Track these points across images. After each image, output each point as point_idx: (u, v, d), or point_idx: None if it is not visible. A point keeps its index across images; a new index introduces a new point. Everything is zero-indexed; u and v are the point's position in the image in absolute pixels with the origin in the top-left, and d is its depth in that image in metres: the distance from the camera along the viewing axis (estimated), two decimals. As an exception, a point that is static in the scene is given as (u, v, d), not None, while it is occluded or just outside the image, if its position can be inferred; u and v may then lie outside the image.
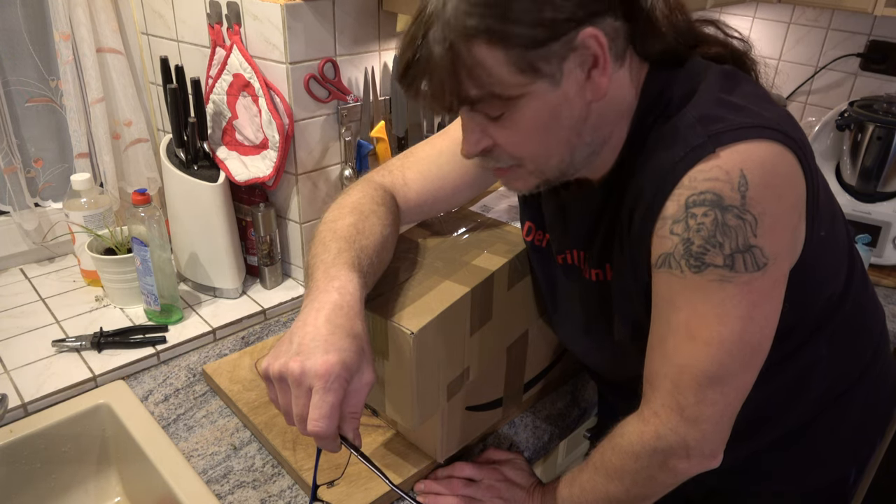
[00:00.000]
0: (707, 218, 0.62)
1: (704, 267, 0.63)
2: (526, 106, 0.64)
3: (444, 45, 0.62)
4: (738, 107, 0.66)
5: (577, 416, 1.05)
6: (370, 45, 1.22)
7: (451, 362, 0.81)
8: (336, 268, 0.69)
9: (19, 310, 1.19)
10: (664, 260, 0.66)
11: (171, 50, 1.27)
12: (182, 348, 1.13)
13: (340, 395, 0.62)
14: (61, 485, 1.00)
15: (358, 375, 0.64)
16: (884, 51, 1.70)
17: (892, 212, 1.43)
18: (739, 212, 0.62)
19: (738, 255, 0.63)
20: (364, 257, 0.73)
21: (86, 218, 1.20)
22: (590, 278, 0.81)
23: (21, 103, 1.25)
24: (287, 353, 0.63)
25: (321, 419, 0.60)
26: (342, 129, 1.22)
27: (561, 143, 0.68)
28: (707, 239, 0.63)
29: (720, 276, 0.63)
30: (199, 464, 0.91)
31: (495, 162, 0.71)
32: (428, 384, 0.78)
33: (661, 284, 0.68)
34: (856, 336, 0.87)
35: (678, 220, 0.64)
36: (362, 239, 0.75)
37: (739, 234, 0.62)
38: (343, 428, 0.64)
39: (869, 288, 0.90)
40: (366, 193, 0.83)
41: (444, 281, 0.80)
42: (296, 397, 0.62)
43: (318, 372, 0.60)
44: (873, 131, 1.46)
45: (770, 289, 0.66)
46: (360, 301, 0.68)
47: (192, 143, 1.17)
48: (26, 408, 0.98)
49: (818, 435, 0.88)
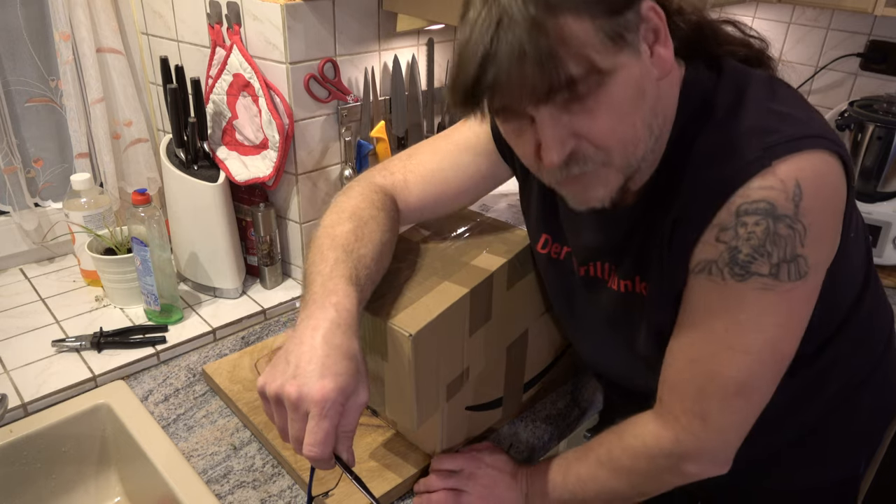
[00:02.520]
0: (758, 227, 0.62)
1: (749, 276, 0.63)
2: (617, 81, 0.61)
3: (532, 27, 0.56)
4: (787, 116, 0.66)
5: (577, 416, 1.05)
6: (370, 45, 1.22)
7: (450, 363, 0.81)
8: (333, 281, 0.68)
9: (19, 310, 1.19)
10: (705, 266, 0.65)
11: (171, 50, 1.27)
12: (182, 348, 1.13)
13: (336, 420, 0.61)
14: (61, 485, 1.00)
15: (353, 397, 0.63)
16: (884, 51, 1.70)
17: (892, 212, 1.43)
18: (791, 221, 0.62)
19: (784, 265, 0.63)
20: (362, 267, 0.72)
21: (86, 218, 1.20)
22: (618, 289, 0.79)
23: (21, 103, 1.25)
24: (284, 374, 0.62)
25: (317, 445, 0.61)
26: (342, 129, 1.22)
27: (645, 124, 0.65)
28: (756, 248, 0.62)
29: (763, 284, 0.63)
30: (199, 464, 0.91)
31: (581, 166, 0.65)
32: (427, 385, 0.78)
33: (696, 290, 0.67)
34: (870, 332, 0.87)
35: (727, 228, 0.63)
36: (361, 247, 0.74)
37: (788, 244, 0.62)
38: (338, 448, 0.64)
39: (879, 284, 0.91)
40: (365, 197, 0.82)
41: (443, 282, 0.79)
42: (292, 420, 0.62)
43: (314, 398, 0.60)
44: (873, 131, 1.46)
45: (808, 296, 0.66)
46: (357, 317, 0.67)
47: (192, 143, 1.17)
48: (26, 408, 0.98)
49: (830, 431, 0.88)
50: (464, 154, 0.88)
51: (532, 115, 0.62)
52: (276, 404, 0.63)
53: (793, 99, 0.70)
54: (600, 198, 0.68)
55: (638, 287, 0.77)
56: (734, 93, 0.68)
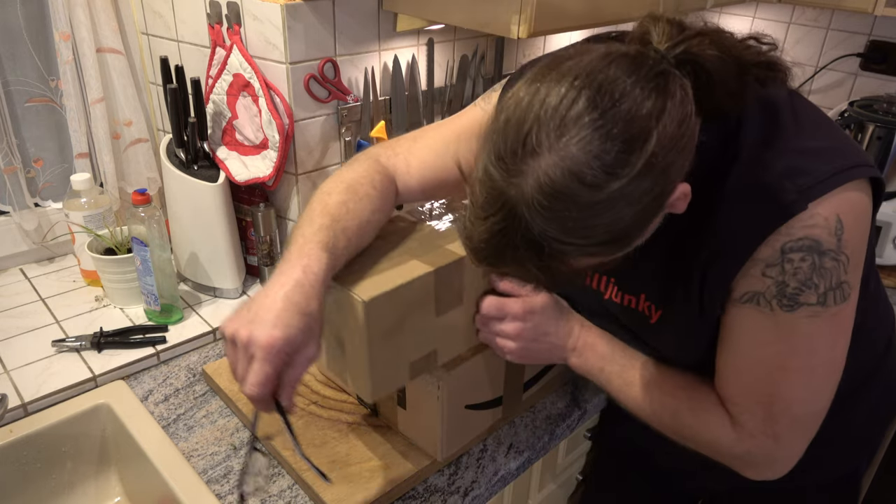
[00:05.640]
0: (805, 263, 0.64)
1: (798, 306, 0.66)
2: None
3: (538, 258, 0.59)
4: (817, 151, 0.67)
5: (578, 416, 1.05)
6: (370, 45, 1.22)
7: (413, 341, 0.82)
8: (310, 245, 0.73)
9: (19, 310, 1.19)
10: (752, 297, 0.68)
11: (171, 50, 1.27)
12: (182, 348, 1.13)
13: (278, 366, 0.66)
14: (61, 485, 1.00)
15: (302, 351, 0.68)
16: (884, 51, 1.70)
17: (892, 212, 1.43)
18: (836, 254, 0.64)
19: (830, 293, 0.65)
20: (342, 238, 0.75)
21: (86, 218, 1.20)
22: (620, 302, 0.82)
23: (21, 103, 1.25)
24: (242, 319, 0.68)
25: (256, 385, 0.65)
26: (342, 129, 1.22)
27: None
28: (803, 281, 0.65)
29: (812, 312, 0.66)
30: (199, 464, 0.91)
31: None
32: (384, 357, 0.79)
33: (743, 318, 0.70)
34: (870, 332, 0.88)
35: (773, 265, 0.65)
36: (347, 220, 0.77)
37: (834, 275, 0.65)
38: (279, 394, 0.68)
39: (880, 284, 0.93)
40: (367, 174, 0.84)
41: (413, 260, 0.81)
42: (241, 360, 0.67)
43: (261, 343, 0.65)
44: (873, 131, 1.46)
45: (851, 314, 0.69)
46: (322, 281, 0.71)
47: (192, 143, 1.17)
48: (26, 408, 0.98)
49: (831, 431, 0.88)
50: (466, 141, 0.89)
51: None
52: (230, 344, 0.68)
53: (817, 125, 0.71)
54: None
55: (641, 305, 0.79)
56: (761, 129, 0.69)
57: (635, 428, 0.87)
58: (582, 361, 0.87)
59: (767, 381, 0.71)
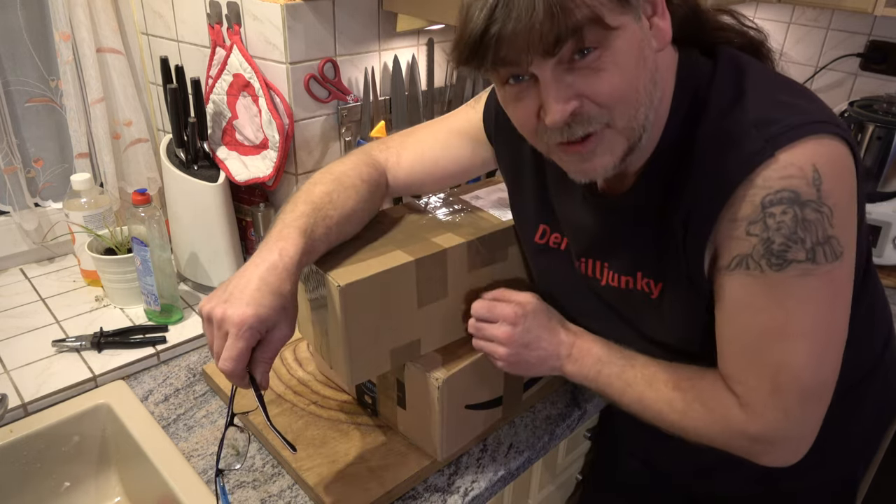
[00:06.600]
0: (786, 215, 0.63)
1: (787, 264, 0.64)
2: (621, 39, 0.62)
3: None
4: (790, 105, 0.67)
5: (577, 416, 1.05)
6: (370, 45, 1.22)
7: (394, 329, 0.83)
8: (288, 229, 0.75)
9: (19, 310, 1.19)
10: (741, 261, 0.66)
11: (171, 50, 1.27)
12: (182, 348, 1.13)
13: (251, 342, 0.69)
14: (61, 485, 1.00)
15: (275, 329, 0.71)
16: (884, 51, 1.70)
17: (891, 212, 1.43)
18: (817, 205, 0.63)
19: (819, 248, 0.64)
20: (321, 226, 0.78)
21: (86, 218, 1.20)
22: (617, 286, 0.81)
23: (21, 103, 1.25)
24: (218, 298, 0.71)
25: (229, 360, 0.68)
26: (342, 129, 1.22)
27: (645, 90, 0.66)
28: (788, 236, 0.63)
29: (803, 270, 0.64)
30: (199, 464, 0.91)
31: (584, 126, 0.65)
32: (363, 343, 0.81)
33: (735, 287, 0.68)
34: (870, 332, 0.87)
35: (755, 221, 0.64)
36: (330, 209, 0.80)
37: (818, 227, 0.63)
38: (252, 368, 0.71)
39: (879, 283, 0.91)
40: (356, 167, 0.88)
41: (396, 250, 0.83)
42: (216, 337, 0.70)
43: (234, 321, 0.68)
44: (873, 131, 1.46)
45: (847, 276, 0.67)
46: (298, 264, 0.73)
47: (192, 143, 1.17)
48: (26, 408, 0.98)
49: (829, 432, 0.88)
50: (455, 138, 0.93)
51: (535, 74, 0.63)
52: (207, 321, 0.71)
53: (790, 84, 0.70)
54: (604, 165, 0.68)
55: (640, 284, 0.77)
56: (732, 81, 0.69)
57: (635, 428, 0.87)
58: (578, 367, 0.85)
59: (767, 351, 0.69)
